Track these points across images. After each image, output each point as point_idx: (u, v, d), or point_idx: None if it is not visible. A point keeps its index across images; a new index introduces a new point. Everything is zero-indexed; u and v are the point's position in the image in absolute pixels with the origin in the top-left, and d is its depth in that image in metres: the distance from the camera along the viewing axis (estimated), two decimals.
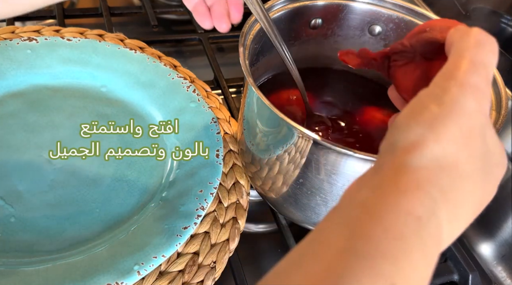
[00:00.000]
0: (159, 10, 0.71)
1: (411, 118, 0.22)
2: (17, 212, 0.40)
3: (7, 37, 0.53)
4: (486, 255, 0.50)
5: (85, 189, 0.43)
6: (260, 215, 0.50)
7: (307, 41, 0.49)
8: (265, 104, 0.35)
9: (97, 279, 0.34)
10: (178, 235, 0.38)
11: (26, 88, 0.50)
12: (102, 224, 0.40)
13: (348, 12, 0.47)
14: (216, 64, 0.61)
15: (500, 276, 0.49)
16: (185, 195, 0.41)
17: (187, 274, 0.39)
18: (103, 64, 0.52)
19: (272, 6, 0.44)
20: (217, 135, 0.46)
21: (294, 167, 0.37)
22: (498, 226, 0.49)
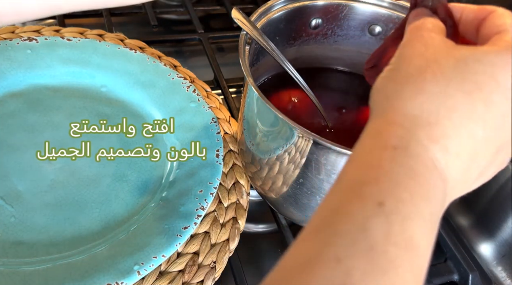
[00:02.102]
0: (159, 10, 0.71)
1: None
2: (17, 212, 0.40)
3: (7, 37, 0.53)
4: (486, 255, 0.50)
5: (85, 189, 0.43)
6: (260, 215, 0.50)
7: (307, 41, 0.49)
8: (265, 104, 0.35)
9: (97, 279, 0.34)
10: (178, 235, 0.38)
11: (26, 88, 0.50)
12: (102, 224, 0.40)
13: (348, 12, 0.47)
14: (216, 64, 0.61)
15: (500, 276, 0.49)
16: (185, 195, 0.41)
17: (187, 274, 0.39)
18: (103, 64, 0.52)
19: (272, 6, 0.44)
20: (217, 135, 0.46)
21: (294, 167, 0.37)
22: (498, 226, 0.49)
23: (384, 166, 0.20)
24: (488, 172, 0.24)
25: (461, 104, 0.21)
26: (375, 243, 0.17)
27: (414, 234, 0.18)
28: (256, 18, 0.42)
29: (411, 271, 0.18)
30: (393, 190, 0.19)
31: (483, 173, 0.23)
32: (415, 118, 0.21)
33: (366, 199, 0.19)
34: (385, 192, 0.19)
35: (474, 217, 0.51)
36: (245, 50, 0.40)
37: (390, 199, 0.19)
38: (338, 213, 0.19)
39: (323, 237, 0.18)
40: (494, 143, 0.22)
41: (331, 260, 0.17)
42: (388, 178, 0.19)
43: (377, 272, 0.17)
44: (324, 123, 0.44)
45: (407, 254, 0.18)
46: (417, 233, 0.18)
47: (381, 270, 0.17)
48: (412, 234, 0.18)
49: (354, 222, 0.18)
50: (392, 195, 0.19)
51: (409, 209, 0.19)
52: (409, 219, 0.18)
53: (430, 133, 0.21)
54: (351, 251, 0.17)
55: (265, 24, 0.43)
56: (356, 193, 0.19)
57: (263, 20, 0.43)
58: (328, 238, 0.18)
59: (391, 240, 0.18)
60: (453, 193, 0.22)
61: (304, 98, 0.46)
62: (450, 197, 0.22)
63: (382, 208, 0.18)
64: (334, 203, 0.19)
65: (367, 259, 0.17)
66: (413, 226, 0.18)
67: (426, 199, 0.19)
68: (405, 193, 0.19)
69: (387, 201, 0.18)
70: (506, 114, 0.22)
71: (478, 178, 0.24)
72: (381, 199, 0.18)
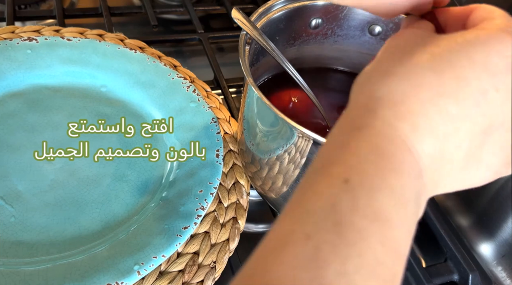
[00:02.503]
0: (159, 10, 0.71)
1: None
2: (17, 212, 0.40)
3: (7, 37, 0.53)
4: (486, 255, 0.50)
5: (85, 189, 0.43)
6: (260, 215, 0.50)
7: (307, 41, 0.49)
8: (265, 104, 0.35)
9: (97, 279, 0.34)
10: (178, 235, 0.38)
11: (26, 88, 0.50)
12: (102, 224, 0.40)
13: (348, 12, 0.47)
14: (216, 64, 0.61)
15: (500, 276, 0.49)
16: (185, 195, 0.41)
17: (187, 274, 0.39)
18: (103, 64, 0.52)
19: (272, 6, 0.44)
20: (217, 135, 0.46)
21: (294, 167, 0.37)
22: (498, 226, 0.49)
23: (350, 145, 0.20)
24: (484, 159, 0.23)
25: (429, 82, 0.21)
26: (342, 217, 0.18)
27: (382, 206, 0.19)
28: (256, 18, 0.42)
29: (381, 242, 0.18)
30: (358, 166, 0.19)
31: (476, 157, 0.23)
32: (381, 99, 0.21)
33: (333, 177, 0.19)
34: (351, 169, 0.19)
35: (474, 217, 0.51)
36: (245, 50, 0.40)
37: (355, 175, 0.19)
38: (308, 192, 0.20)
39: (294, 216, 0.19)
40: (476, 121, 0.22)
41: (301, 237, 0.18)
42: (354, 156, 0.20)
43: (345, 244, 0.17)
44: (324, 123, 0.44)
45: (375, 225, 0.18)
46: (386, 205, 0.19)
47: (350, 242, 0.17)
48: (381, 206, 0.19)
49: (322, 200, 0.19)
50: (357, 170, 0.19)
51: (375, 182, 0.19)
52: (376, 191, 0.19)
53: (396, 111, 0.21)
54: (319, 227, 0.18)
55: (265, 24, 0.43)
56: (324, 172, 0.20)
57: (263, 20, 0.43)
58: (299, 217, 0.19)
59: (358, 213, 0.18)
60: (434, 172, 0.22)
61: (304, 98, 0.46)
62: (433, 176, 0.22)
63: (348, 184, 0.19)
64: (305, 184, 0.20)
65: (335, 233, 0.18)
66: (381, 198, 0.19)
67: (394, 173, 0.20)
68: (370, 168, 0.19)
69: (352, 177, 0.19)
70: (485, 91, 0.22)
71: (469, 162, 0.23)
72: (347, 175, 0.19)
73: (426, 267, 0.46)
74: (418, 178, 0.21)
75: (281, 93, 0.47)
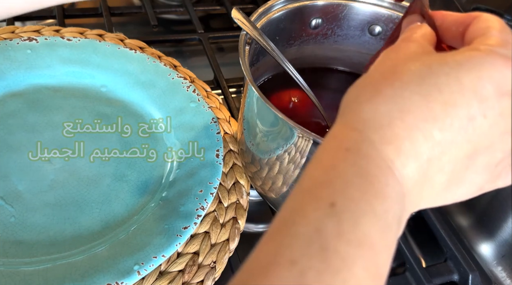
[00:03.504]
0: (159, 10, 0.71)
1: None
2: (17, 212, 0.40)
3: (7, 37, 0.53)
4: (486, 255, 0.50)
5: (85, 189, 0.43)
6: (260, 215, 0.50)
7: (307, 41, 0.49)
8: (265, 104, 0.35)
9: (97, 279, 0.34)
10: (178, 235, 0.38)
11: (26, 88, 0.50)
12: (102, 224, 0.40)
13: (348, 12, 0.47)
14: (216, 64, 0.61)
15: (500, 276, 0.48)
16: (185, 195, 0.41)
17: (187, 274, 0.39)
18: (103, 64, 0.52)
19: (272, 6, 0.44)
20: (217, 135, 0.46)
21: (294, 167, 0.37)
22: (498, 226, 0.49)
23: (337, 167, 0.20)
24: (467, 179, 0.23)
25: (416, 106, 0.21)
26: (327, 243, 0.18)
27: (367, 231, 0.19)
28: (256, 18, 0.42)
29: (365, 268, 0.18)
30: (345, 190, 0.19)
31: (459, 179, 0.23)
32: (369, 121, 0.21)
33: (320, 200, 0.19)
34: (337, 193, 0.19)
35: (474, 217, 0.51)
36: (245, 50, 0.40)
37: (341, 199, 0.19)
38: (294, 214, 0.19)
39: (279, 239, 0.19)
40: (461, 146, 0.22)
41: (286, 262, 0.18)
42: (340, 179, 0.20)
43: (330, 271, 0.17)
44: (324, 123, 0.44)
45: (360, 252, 0.18)
46: (371, 231, 0.19)
47: (335, 269, 0.18)
48: (365, 231, 0.19)
49: (309, 223, 0.19)
50: (343, 194, 0.19)
51: (360, 207, 0.19)
52: (361, 217, 0.19)
53: (382, 135, 0.21)
54: (305, 252, 0.18)
55: (265, 24, 0.43)
56: (311, 194, 0.20)
57: (263, 20, 0.43)
58: (284, 240, 0.19)
59: (343, 239, 0.18)
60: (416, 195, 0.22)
61: (304, 98, 0.46)
62: (414, 199, 0.22)
63: (333, 208, 0.19)
64: (292, 204, 0.20)
65: (321, 259, 0.18)
66: (365, 224, 0.19)
67: (379, 197, 0.20)
68: (356, 192, 0.19)
69: (339, 201, 0.19)
70: (473, 118, 0.21)
71: (451, 184, 0.23)
72: (333, 199, 0.19)
73: (426, 267, 0.46)
74: (401, 201, 0.21)
75: (281, 93, 0.47)
